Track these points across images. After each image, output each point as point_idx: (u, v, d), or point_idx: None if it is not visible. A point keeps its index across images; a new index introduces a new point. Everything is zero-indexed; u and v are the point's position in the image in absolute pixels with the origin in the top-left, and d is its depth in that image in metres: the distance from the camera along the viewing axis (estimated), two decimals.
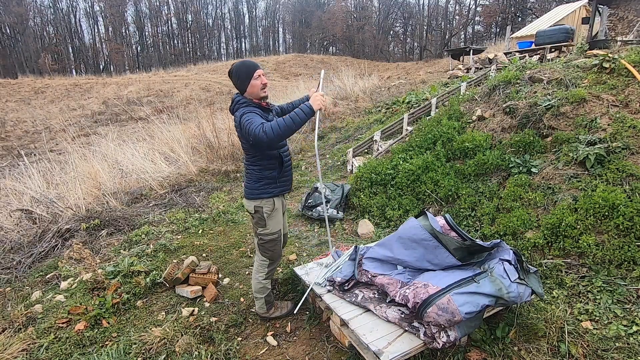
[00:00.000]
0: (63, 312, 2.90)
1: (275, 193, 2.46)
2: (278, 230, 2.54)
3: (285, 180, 2.53)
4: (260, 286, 2.66)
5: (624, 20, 10.73)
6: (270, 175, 2.42)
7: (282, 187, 2.51)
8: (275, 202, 2.49)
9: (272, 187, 2.44)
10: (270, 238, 2.53)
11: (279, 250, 2.63)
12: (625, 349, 2.12)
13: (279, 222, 2.55)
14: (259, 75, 2.32)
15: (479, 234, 3.43)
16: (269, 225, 2.49)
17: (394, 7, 51.61)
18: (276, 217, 2.52)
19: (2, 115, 20.08)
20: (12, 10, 43.94)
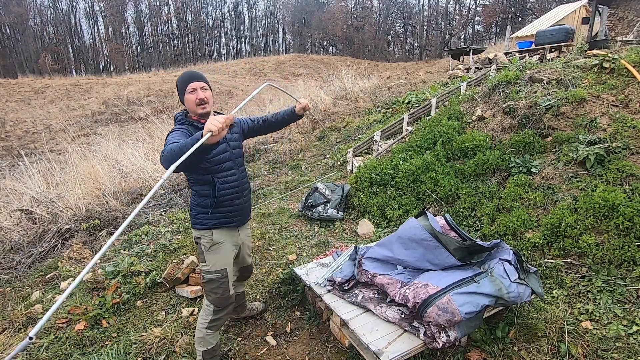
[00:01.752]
0: (63, 312, 2.90)
1: (209, 225, 2.06)
2: (222, 269, 2.09)
3: (225, 212, 2.09)
4: (200, 336, 2.15)
5: (624, 20, 10.73)
6: (203, 203, 2.06)
7: (220, 219, 2.08)
8: (215, 234, 2.08)
9: (205, 218, 2.06)
10: (209, 277, 2.09)
11: (226, 296, 2.11)
12: (625, 349, 2.12)
13: (223, 259, 2.11)
14: (194, 90, 1.98)
15: (479, 234, 3.43)
16: (209, 261, 2.09)
17: (394, 7, 51.62)
18: (219, 252, 2.10)
19: (2, 115, 20.08)
20: (12, 10, 43.93)
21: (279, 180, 6.69)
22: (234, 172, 2.11)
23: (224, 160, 2.07)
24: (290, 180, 6.56)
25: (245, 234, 2.33)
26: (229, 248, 2.14)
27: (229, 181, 2.07)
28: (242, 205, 2.17)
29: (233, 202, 2.11)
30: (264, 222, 4.79)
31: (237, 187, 2.11)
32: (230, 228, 2.15)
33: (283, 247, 3.98)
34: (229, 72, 34.17)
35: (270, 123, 2.42)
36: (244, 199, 2.19)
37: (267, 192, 6.05)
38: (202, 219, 2.06)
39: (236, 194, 2.11)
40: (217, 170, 2.04)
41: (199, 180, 2.03)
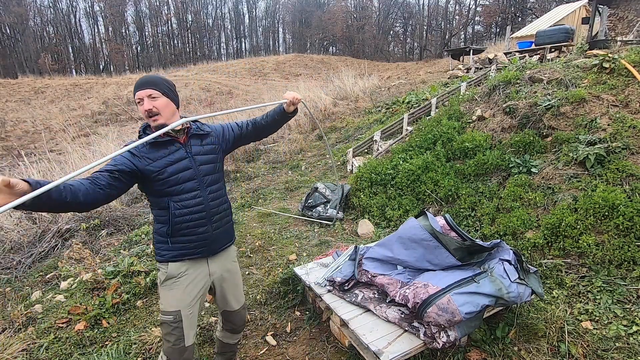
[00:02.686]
0: (63, 312, 2.90)
1: (166, 257, 1.72)
2: (174, 311, 1.70)
3: (186, 242, 1.72)
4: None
5: (624, 20, 10.73)
6: (160, 231, 1.72)
7: (180, 250, 1.72)
8: (171, 267, 1.72)
9: (164, 248, 1.72)
10: (161, 319, 1.74)
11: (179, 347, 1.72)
12: (625, 349, 2.12)
13: (178, 297, 1.72)
14: (140, 100, 1.62)
15: (479, 234, 3.43)
16: (162, 299, 1.74)
17: (394, 7, 51.61)
18: (173, 288, 1.72)
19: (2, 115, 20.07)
20: (12, 10, 43.93)
21: (279, 180, 6.69)
22: (197, 194, 1.72)
23: (184, 179, 1.69)
24: (290, 180, 6.56)
25: (224, 267, 1.89)
26: (189, 285, 1.74)
27: (188, 205, 1.70)
28: (210, 234, 1.77)
29: (195, 231, 1.73)
30: (264, 222, 4.80)
31: (201, 212, 1.73)
32: (194, 260, 1.76)
33: (283, 247, 3.98)
34: (229, 72, 34.16)
35: (262, 126, 2.06)
36: (214, 226, 1.78)
37: (267, 192, 6.05)
38: (161, 249, 1.74)
39: (199, 220, 1.73)
40: (174, 192, 1.67)
41: (155, 203, 1.71)
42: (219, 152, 1.89)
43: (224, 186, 1.92)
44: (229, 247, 1.93)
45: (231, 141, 1.97)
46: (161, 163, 1.65)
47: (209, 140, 1.85)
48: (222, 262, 1.89)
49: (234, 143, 1.99)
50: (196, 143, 1.78)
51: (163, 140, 1.68)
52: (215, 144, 1.87)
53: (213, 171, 1.83)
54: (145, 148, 1.64)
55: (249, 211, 5.27)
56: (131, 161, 1.59)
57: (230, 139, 1.96)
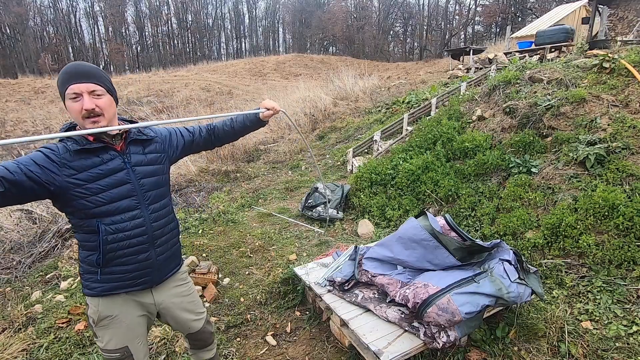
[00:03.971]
0: (63, 312, 2.90)
1: (97, 291, 1.43)
2: (120, 348, 1.48)
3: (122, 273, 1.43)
4: None
5: (624, 20, 10.73)
6: (88, 260, 1.41)
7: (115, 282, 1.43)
8: (102, 304, 1.44)
9: (93, 280, 1.42)
10: (106, 357, 1.50)
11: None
12: (625, 349, 2.12)
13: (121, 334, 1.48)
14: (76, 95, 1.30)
15: (479, 234, 3.43)
16: (101, 337, 1.48)
17: (394, 7, 51.62)
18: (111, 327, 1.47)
19: (2, 115, 20.07)
20: (12, 10, 43.93)
21: (279, 180, 6.69)
22: (137, 214, 1.43)
23: (119, 196, 1.38)
24: (290, 180, 6.56)
25: (173, 293, 1.62)
26: (131, 319, 1.49)
27: (125, 229, 1.39)
28: (154, 261, 1.49)
29: (134, 259, 1.43)
30: (264, 222, 4.80)
31: (142, 235, 1.44)
32: (133, 293, 1.49)
33: (283, 247, 3.98)
34: (229, 72, 34.15)
35: (223, 133, 1.77)
36: (157, 251, 1.50)
37: (267, 192, 6.05)
38: (89, 281, 1.43)
39: (139, 245, 1.44)
40: (105, 212, 1.35)
41: (79, 226, 1.38)
42: (165, 161, 1.58)
43: (170, 202, 1.61)
44: (176, 272, 1.63)
45: (179, 148, 1.67)
46: (88, 175, 1.31)
47: (153, 148, 1.54)
48: (170, 289, 1.61)
49: (182, 151, 1.69)
50: (137, 151, 1.47)
51: (94, 147, 1.34)
52: (160, 151, 1.57)
53: (157, 185, 1.52)
54: (68, 154, 1.30)
55: (249, 211, 5.28)
56: (47, 168, 1.24)
57: (178, 146, 1.66)
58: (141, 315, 1.54)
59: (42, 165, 1.24)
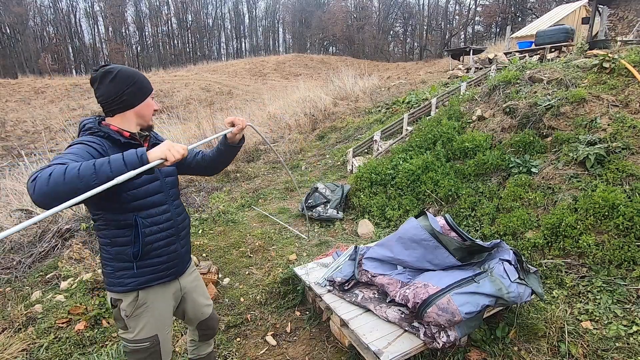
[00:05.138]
0: (63, 312, 2.90)
1: (133, 285, 1.49)
2: (151, 337, 1.54)
3: (157, 265, 1.53)
4: None
5: (624, 20, 10.73)
6: (121, 256, 1.47)
7: (151, 274, 1.52)
8: (142, 295, 1.52)
9: (128, 276, 1.48)
10: (134, 348, 1.54)
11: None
12: (625, 349, 2.12)
13: (153, 322, 1.55)
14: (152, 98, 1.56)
15: (479, 234, 3.43)
16: (132, 328, 1.53)
17: (394, 7, 51.63)
18: (146, 315, 1.53)
19: (2, 115, 20.07)
20: (12, 10, 43.94)
21: (279, 180, 6.69)
22: (167, 209, 1.55)
23: (153, 192, 1.50)
24: (290, 180, 6.56)
25: (189, 279, 1.75)
26: (162, 307, 1.59)
27: (159, 221, 1.51)
28: (179, 252, 1.62)
29: (166, 250, 1.55)
30: (264, 222, 4.80)
31: (172, 227, 1.56)
32: (164, 284, 1.59)
33: (283, 247, 3.98)
34: (229, 72, 34.16)
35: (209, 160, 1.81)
36: (182, 242, 1.64)
37: (267, 192, 6.05)
38: (123, 277, 1.48)
39: (169, 238, 1.55)
40: (142, 206, 1.46)
41: (114, 222, 1.43)
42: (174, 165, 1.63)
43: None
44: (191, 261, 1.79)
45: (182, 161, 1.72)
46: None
47: None
48: (189, 275, 1.75)
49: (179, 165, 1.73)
50: None
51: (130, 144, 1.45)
52: None
53: (175, 184, 1.66)
54: (112, 150, 1.37)
55: (249, 211, 5.28)
56: None
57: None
58: (170, 304, 1.63)
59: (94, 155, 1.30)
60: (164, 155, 1.17)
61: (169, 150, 1.19)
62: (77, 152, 1.27)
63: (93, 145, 1.33)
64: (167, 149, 1.19)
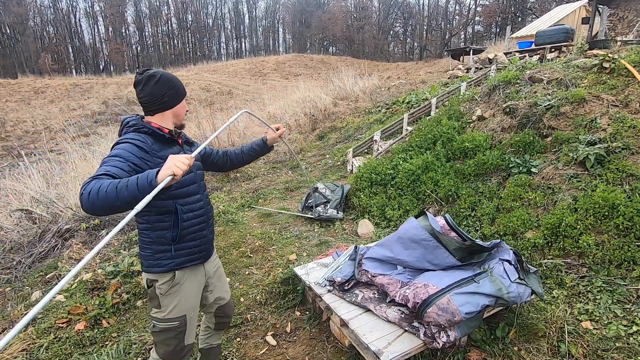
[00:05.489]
0: (63, 312, 2.90)
1: (170, 266, 1.64)
2: (180, 316, 1.68)
3: (192, 247, 1.69)
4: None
5: (624, 20, 10.73)
6: (161, 239, 1.63)
7: (186, 257, 1.68)
8: (178, 275, 1.67)
9: (166, 257, 1.64)
10: (163, 327, 1.67)
11: (179, 348, 1.71)
12: (625, 349, 2.12)
13: (184, 303, 1.69)
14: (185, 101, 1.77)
15: (479, 234, 3.43)
16: (165, 307, 1.66)
17: (394, 7, 51.63)
18: (179, 294, 1.68)
19: (2, 115, 20.07)
20: (12, 10, 43.93)
21: (279, 180, 6.69)
22: (200, 198, 1.74)
23: (189, 182, 1.68)
24: (290, 180, 6.56)
25: (212, 266, 1.91)
26: (193, 288, 1.74)
27: (194, 209, 1.70)
28: (209, 237, 1.80)
29: (199, 235, 1.72)
30: (264, 222, 4.80)
31: (203, 215, 1.75)
32: (195, 267, 1.75)
33: (283, 247, 3.98)
34: (229, 72, 34.15)
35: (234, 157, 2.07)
36: (210, 229, 1.83)
37: (267, 192, 6.05)
38: (162, 259, 1.63)
39: (203, 223, 1.75)
40: (180, 195, 1.64)
41: (156, 209, 1.59)
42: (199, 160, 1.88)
43: None
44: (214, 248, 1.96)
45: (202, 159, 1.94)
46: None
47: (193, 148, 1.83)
48: (213, 261, 1.92)
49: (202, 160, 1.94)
50: (188, 149, 1.78)
51: (169, 139, 1.64)
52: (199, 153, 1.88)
53: (203, 177, 1.85)
54: (156, 145, 1.57)
55: (249, 211, 5.28)
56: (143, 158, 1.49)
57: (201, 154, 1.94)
58: (199, 287, 1.79)
59: (140, 156, 1.48)
60: (171, 171, 1.24)
61: (175, 165, 1.25)
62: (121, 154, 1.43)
63: (137, 143, 1.49)
64: (172, 164, 1.25)
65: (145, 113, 1.67)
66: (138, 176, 1.27)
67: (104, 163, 1.39)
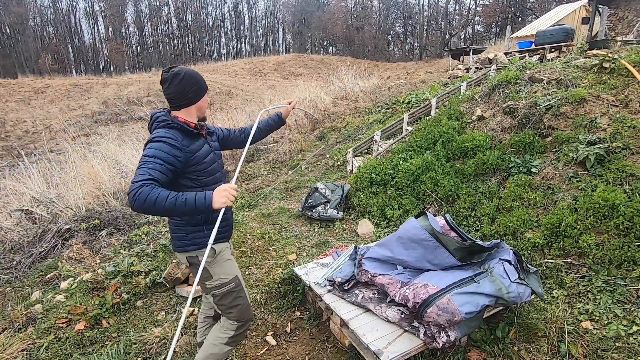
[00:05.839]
0: (63, 312, 2.90)
1: (205, 242, 1.76)
2: (233, 277, 1.91)
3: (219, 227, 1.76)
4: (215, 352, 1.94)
5: (624, 20, 10.73)
6: (194, 221, 1.82)
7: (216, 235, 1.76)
8: (217, 247, 1.87)
9: (200, 236, 1.82)
10: (224, 291, 1.87)
11: (247, 304, 1.95)
12: (625, 349, 2.12)
13: (231, 267, 1.93)
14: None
15: (479, 234, 3.43)
16: (216, 275, 1.86)
17: (394, 7, 51.62)
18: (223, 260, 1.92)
19: (2, 115, 20.07)
20: (12, 10, 43.92)
21: (279, 180, 6.69)
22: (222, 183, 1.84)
23: (216, 171, 1.89)
24: (290, 180, 6.56)
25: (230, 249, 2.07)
26: (231, 258, 1.97)
27: None
28: (231, 220, 2.00)
29: (225, 217, 1.87)
30: (264, 222, 4.80)
31: None
32: (223, 242, 1.94)
33: (283, 247, 3.98)
34: (229, 72, 34.15)
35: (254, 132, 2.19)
36: (231, 212, 2.03)
37: (267, 192, 6.05)
38: (196, 238, 1.82)
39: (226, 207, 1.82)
40: (210, 182, 1.83)
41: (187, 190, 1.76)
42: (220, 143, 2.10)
43: None
44: None
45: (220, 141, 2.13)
46: (200, 153, 1.79)
47: (215, 138, 2.05)
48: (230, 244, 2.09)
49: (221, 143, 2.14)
50: (211, 139, 1.96)
51: (195, 133, 1.80)
52: (218, 141, 2.07)
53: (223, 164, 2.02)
54: (185, 140, 1.72)
55: (249, 211, 5.27)
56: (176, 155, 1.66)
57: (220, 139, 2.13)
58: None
59: (174, 154, 1.64)
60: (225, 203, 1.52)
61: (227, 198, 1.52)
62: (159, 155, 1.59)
63: (170, 142, 1.65)
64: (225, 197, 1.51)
65: (172, 108, 1.82)
66: (195, 198, 1.49)
67: (145, 163, 1.55)
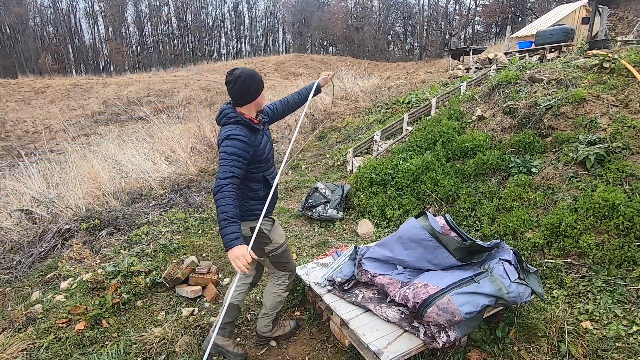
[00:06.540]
0: (63, 312, 2.90)
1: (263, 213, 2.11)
2: (284, 241, 2.37)
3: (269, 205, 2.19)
4: (279, 300, 2.45)
5: (624, 20, 10.73)
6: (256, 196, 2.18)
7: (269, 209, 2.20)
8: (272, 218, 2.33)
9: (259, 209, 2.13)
10: (281, 252, 2.33)
11: (292, 258, 2.48)
12: (625, 349, 2.12)
13: (281, 233, 2.39)
14: None
15: (479, 234, 3.43)
16: (275, 239, 2.28)
17: (394, 7, 51.59)
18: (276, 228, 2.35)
19: (2, 115, 20.08)
20: (12, 10, 43.91)
21: (279, 180, 6.69)
22: (274, 170, 2.28)
23: (271, 157, 2.23)
24: (290, 180, 6.56)
25: None
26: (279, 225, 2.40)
27: (273, 177, 2.23)
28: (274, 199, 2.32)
29: (274, 195, 2.22)
30: None
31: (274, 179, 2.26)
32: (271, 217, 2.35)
33: None
34: None
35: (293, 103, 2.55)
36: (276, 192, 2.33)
37: None
38: (256, 210, 2.14)
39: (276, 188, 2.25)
40: (266, 168, 2.18)
41: (254, 178, 2.14)
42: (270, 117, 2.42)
43: None
44: None
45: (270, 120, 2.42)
46: (263, 145, 2.12)
47: (267, 126, 2.30)
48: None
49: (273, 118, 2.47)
50: (266, 130, 2.24)
51: (257, 128, 2.09)
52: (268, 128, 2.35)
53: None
54: (251, 136, 2.02)
55: None
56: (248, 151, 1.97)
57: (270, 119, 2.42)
58: None
59: (247, 150, 1.98)
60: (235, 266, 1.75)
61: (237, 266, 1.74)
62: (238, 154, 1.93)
63: (244, 139, 1.97)
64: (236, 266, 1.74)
65: (235, 105, 2.09)
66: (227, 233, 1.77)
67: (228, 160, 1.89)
